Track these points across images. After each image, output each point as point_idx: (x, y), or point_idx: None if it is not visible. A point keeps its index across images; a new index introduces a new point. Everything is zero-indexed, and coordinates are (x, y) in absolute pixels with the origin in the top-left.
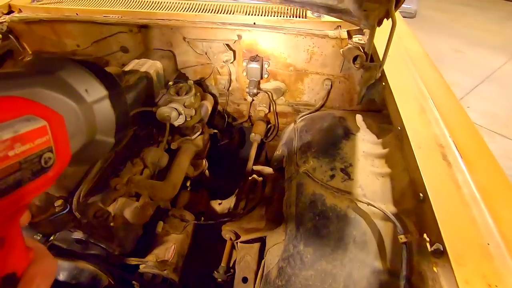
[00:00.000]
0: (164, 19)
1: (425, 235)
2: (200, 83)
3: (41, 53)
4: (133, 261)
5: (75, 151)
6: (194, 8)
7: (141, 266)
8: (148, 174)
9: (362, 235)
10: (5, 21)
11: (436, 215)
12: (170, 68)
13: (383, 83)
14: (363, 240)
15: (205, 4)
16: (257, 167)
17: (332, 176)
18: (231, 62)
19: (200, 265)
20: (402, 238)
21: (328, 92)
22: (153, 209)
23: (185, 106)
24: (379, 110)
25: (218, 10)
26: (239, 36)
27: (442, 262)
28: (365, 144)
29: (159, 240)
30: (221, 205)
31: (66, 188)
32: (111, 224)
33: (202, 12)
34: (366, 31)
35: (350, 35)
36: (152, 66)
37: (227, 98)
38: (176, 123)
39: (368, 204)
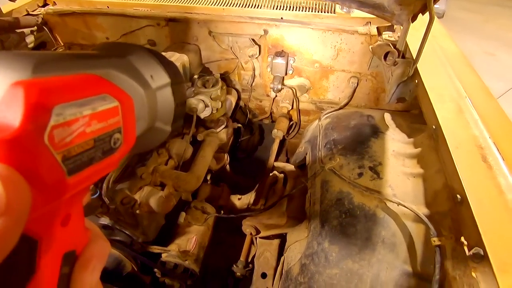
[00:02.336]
0: (192, 13)
1: (462, 238)
2: (224, 78)
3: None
4: (156, 249)
5: (137, 136)
6: (222, 2)
7: (163, 255)
8: (173, 165)
9: (391, 236)
10: (40, 14)
11: (476, 217)
12: (196, 62)
13: (416, 81)
14: (393, 241)
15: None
16: (279, 164)
17: (360, 174)
18: (256, 57)
19: (219, 259)
20: (435, 241)
21: (354, 90)
22: (176, 200)
23: (211, 99)
24: (407, 110)
25: (246, 4)
26: (265, 31)
27: (482, 267)
28: (395, 143)
29: (181, 231)
30: (240, 200)
31: None
32: (137, 211)
33: (229, 6)
34: (397, 28)
35: (379, 32)
36: (179, 59)
37: (250, 93)
38: (202, 115)
39: (399, 204)
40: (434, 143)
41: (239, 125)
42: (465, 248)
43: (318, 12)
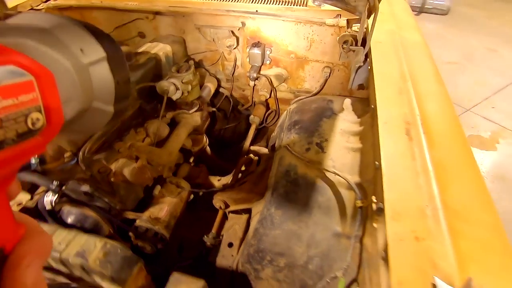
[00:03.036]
0: (174, 6)
1: (373, 197)
2: (207, 68)
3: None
4: (130, 215)
5: (70, 117)
6: None
7: (137, 221)
8: (149, 142)
9: (327, 201)
10: (43, 8)
11: (383, 179)
12: (180, 52)
13: (369, 67)
14: (328, 205)
15: None
16: (254, 147)
17: (308, 149)
18: (235, 48)
19: (195, 233)
20: (358, 203)
21: (326, 79)
22: (152, 174)
23: (183, 83)
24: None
25: None
26: (243, 23)
27: (381, 219)
28: (345, 122)
29: (155, 202)
30: (219, 181)
31: (75, 144)
32: (112, 179)
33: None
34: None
35: (349, 24)
36: (162, 49)
37: (232, 83)
38: (174, 97)
39: (334, 173)
40: (371, 120)
41: (214, 109)
42: (373, 205)
43: (290, 5)
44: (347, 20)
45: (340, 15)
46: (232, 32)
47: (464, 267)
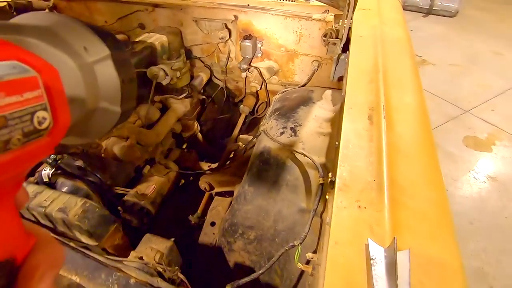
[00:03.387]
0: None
1: (330, 174)
2: (202, 60)
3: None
4: (119, 190)
5: (77, 118)
6: None
7: (126, 196)
8: (139, 124)
9: (294, 180)
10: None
11: (339, 156)
12: (176, 42)
13: (346, 60)
14: (295, 184)
15: None
16: (242, 136)
17: (282, 133)
18: (227, 40)
19: (182, 212)
20: (320, 180)
21: (313, 72)
22: (141, 154)
23: (172, 69)
24: None
25: None
26: (236, 17)
27: (332, 191)
28: (320, 110)
29: (144, 180)
30: (209, 167)
31: None
32: (102, 155)
33: None
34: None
35: (337, 19)
36: (158, 39)
37: (225, 75)
38: (163, 82)
39: (303, 154)
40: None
41: (203, 96)
42: (328, 180)
43: (280, 0)
44: (335, 15)
45: (328, 10)
46: (226, 25)
47: (397, 232)
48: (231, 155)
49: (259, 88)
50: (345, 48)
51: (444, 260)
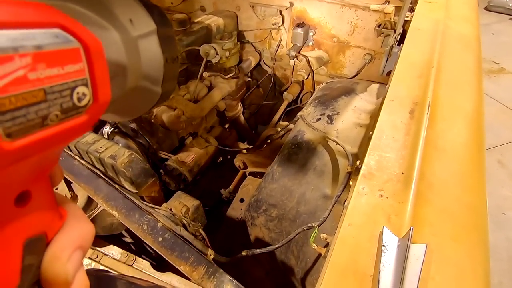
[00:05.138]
0: None
1: (357, 162)
2: (254, 45)
3: None
4: (163, 154)
5: (116, 95)
6: None
7: (168, 161)
8: (188, 98)
9: (323, 166)
10: None
11: (369, 146)
12: (231, 26)
13: (399, 53)
14: (322, 169)
15: None
16: (282, 122)
17: (318, 119)
18: (280, 26)
19: (216, 186)
20: (348, 169)
21: (364, 66)
22: (186, 125)
23: (222, 49)
24: None
25: None
26: (291, 4)
27: (356, 177)
28: (361, 101)
29: (185, 149)
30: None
31: None
32: (152, 120)
33: None
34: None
35: (398, 11)
36: (214, 21)
37: (274, 61)
38: (213, 60)
39: (335, 141)
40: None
41: (249, 79)
42: (355, 167)
43: None
44: (395, 7)
45: (389, 1)
46: (280, 11)
47: (416, 226)
48: (268, 140)
49: (305, 78)
50: (401, 41)
51: (464, 263)
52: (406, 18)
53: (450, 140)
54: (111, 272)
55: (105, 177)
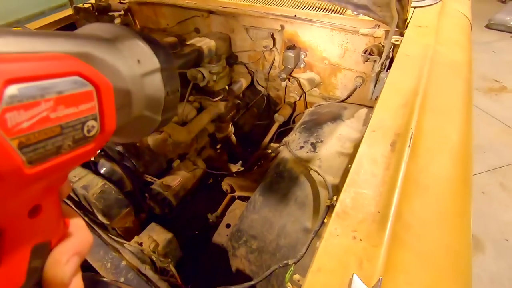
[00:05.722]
0: (224, 6)
1: (334, 197)
2: (247, 66)
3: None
4: (148, 178)
5: (120, 124)
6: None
7: (153, 185)
8: (175, 120)
9: (304, 197)
10: (126, 2)
11: (346, 182)
12: (224, 48)
13: (385, 79)
14: (303, 201)
15: None
16: (274, 144)
17: (302, 147)
18: (271, 48)
19: (204, 209)
20: (327, 202)
21: (355, 88)
22: (173, 147)
23: (210, 72)
24: None
25: (267, 1)
26: (282, 27)
27: (330, 216)
28: (347, 129)
29: (172, 172)
30: (238, 170)
31: None
32: (138, 144)
33: (254, 3)
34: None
35: (388, 35)
36: (206, 43)
37: (267, 82)
38: (201, 84)
39: (316, 172)
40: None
41: (239, 101)
42: (331, 203)
43: (328, 12)
44: (386, 31)
45: (379, 25)
46: (272, 34)
47: (389, 273)
48: (258, 162)
49: (297, 99)
50: (390, 67)
51: None
52: (396, 43)
53: (433, 174)
54: (105, 278)
55: (75, 209)
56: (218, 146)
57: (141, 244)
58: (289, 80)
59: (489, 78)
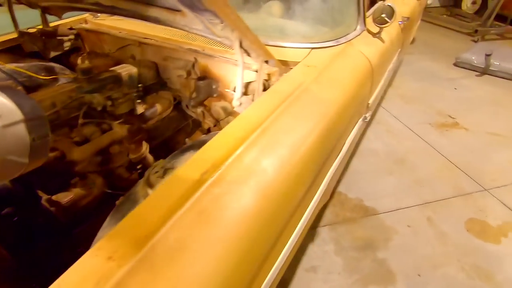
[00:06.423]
0: (145, 38)
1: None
2: (171, 92)
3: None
4: (40, 193)
5: None
6: (173, 34)
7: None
8: (76, 140)
9: None
10: (76, 29)
11: None
12: (149, 75)
13: None
14: None
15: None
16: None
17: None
18: (185, 78)
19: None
20: None
21: None
22: (68, 166)
23: (109, 98)
24: None
25: (185, 36)
26: (196, 59)
27: None
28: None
29: (68, 190)
30: None
31: None
32: None
33: (174, 36)
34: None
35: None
36: (127, 70)
37: (188, 108)
38: (98, 108)
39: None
40: None
41: (144, 125)
42: None
43: (230, 49)
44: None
45: (268, 61)
46: (192, 64)
47: None
48: None
49: (212, 126)
50: None
51: None
52: (250, 80)
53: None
54: None
55: None
56: (139, 167)
57: None
58: (204, 108)
59: (444, 114)
